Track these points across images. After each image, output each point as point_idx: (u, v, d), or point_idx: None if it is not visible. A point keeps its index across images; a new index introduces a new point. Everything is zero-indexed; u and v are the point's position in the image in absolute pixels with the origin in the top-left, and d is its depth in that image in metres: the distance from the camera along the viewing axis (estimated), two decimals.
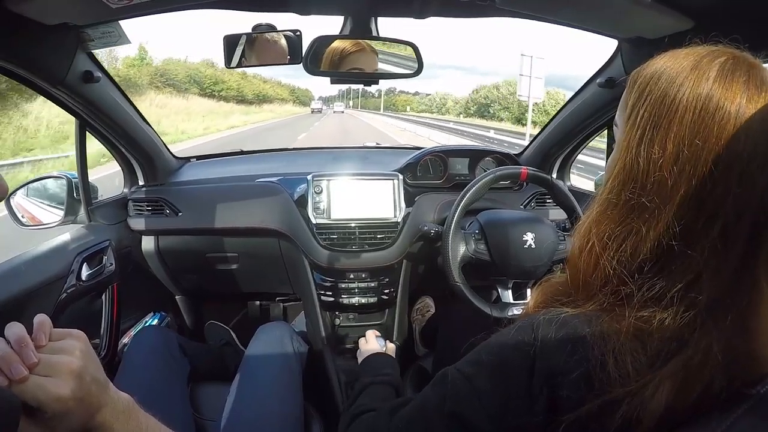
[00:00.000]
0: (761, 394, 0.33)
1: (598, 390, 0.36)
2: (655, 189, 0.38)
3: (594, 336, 0.38)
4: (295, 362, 0.99)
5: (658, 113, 0.38)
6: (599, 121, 1.21)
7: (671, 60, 0.40)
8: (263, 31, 0.89)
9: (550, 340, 0.41)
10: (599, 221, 0.42)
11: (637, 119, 0.40)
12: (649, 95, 0.40)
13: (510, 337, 0.46)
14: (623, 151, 0.41)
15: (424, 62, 0.95)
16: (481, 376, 0.45)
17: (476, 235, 1.01)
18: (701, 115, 0.36)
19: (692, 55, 0.39)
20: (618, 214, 0.41)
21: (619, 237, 0.40)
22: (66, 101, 0.93)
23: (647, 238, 0.39)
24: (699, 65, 0.38)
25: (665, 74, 0.39)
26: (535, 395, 0.41)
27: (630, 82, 0.43)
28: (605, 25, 0.87)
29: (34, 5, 0.66)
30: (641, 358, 0.36)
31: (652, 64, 0.42)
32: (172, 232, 1.25)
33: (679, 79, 0.38)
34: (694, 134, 0.36)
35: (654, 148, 0.38)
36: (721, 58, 0.38)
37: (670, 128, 0.37)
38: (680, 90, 0.38)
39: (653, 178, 0.38)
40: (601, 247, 0.41)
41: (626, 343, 0.37)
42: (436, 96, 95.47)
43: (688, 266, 0.37)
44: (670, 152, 0.37)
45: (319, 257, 1.19)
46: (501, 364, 0.45)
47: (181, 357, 0.98)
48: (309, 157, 1.76)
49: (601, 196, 0.43)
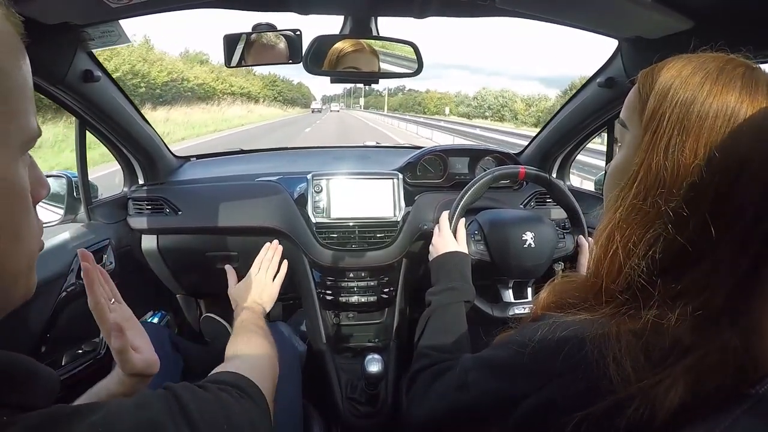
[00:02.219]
0: (761, 394, 0.33)
1: (601, 392, 0.37)
2: (685, 194, 0.38)
3: (593, 339, 0.39)
4: (293, 361, 0.99)
5: (687, 118, 0.39)
6: (599, 121, 1.21)
7: (691, 65, 0.40)
8: (263, 31, 0.89)
9: (546, 342, 0.42)
10: (624, 227, 0.42)
11: (663, 123, 0.40)
12: (675, 98, 0.40)
13: (510, 337, 0.47)
14: (647, 155, 0.41)
15: (424, 62, 0.95)
16: (477, 371, 0.50)
17: (476, 235, 1.01)
18: (731, 123, 0.37)
19: (713, 62, 0.40)
20: (644, 219, 0.41)
21: (647, 242, 0.40)
22: (66, 100, 0.93)
23: (675, 243, 0.39)
24: (723, 72, 0.39)
25: (690, 78, 0.40)
26: (518, 398, 0.43)
27: (644, 83, 0.43)
28: (605, 25, 0.87)
29: (34, 5, 0.66)
30: (642, 361, 0.37)
31: (669, 67, 0.42)
32: (171, 231, 1.25)
33: (707, 86, 0.39)
34: (725, 141, 0.37)
35: (685, 152, 0.38)
36: (740, 68, 0.39)
37: (701, 134, 0.38)
38: (709, 96, 0.38)
39: (684, 182, 0.38)
40: (625, 253, 0.41)
41: (627, 346, 0.37)
42: (485, 94, 66.35)
43: (709, 268, 0.37)
44: (701, 157, 0.38)
45: (318, 256, 1.19)
46: (496, 364, 0.48)
47: (174, 353, 0.98)
48: (309, 157, 1.76)
49: (624, 202, 0.42)
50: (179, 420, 0.35)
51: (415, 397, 0.62)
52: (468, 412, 0.51)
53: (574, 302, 0.45)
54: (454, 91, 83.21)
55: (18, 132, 0.30)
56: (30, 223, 0.32)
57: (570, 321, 0.42)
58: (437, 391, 0.58)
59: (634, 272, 0.40)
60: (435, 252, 0.88)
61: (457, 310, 0.76)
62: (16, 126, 0.29)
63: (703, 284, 0.37)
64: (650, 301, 0.39)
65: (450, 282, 0.81)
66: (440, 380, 0.58)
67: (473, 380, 0.51)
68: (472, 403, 0.50)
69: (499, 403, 0.46)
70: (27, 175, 0.32)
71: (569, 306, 0.45)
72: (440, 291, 0.80)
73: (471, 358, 0.54)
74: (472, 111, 66.29)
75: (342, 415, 1.13)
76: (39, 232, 0.34)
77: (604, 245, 0.43)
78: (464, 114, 64.69)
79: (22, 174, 0.31)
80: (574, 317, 0.42)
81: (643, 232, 0.40)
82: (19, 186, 0.30)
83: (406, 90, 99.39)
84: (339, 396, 1.15)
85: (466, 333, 0.72)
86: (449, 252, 0.86)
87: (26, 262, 0.32)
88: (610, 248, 0.42)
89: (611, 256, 0.42)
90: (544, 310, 0.49)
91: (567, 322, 0.42)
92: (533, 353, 0.43)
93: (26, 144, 0.31)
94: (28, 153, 0.32)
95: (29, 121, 0.31)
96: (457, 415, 0.53)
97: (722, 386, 0.35)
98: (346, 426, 1.12)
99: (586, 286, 0.46)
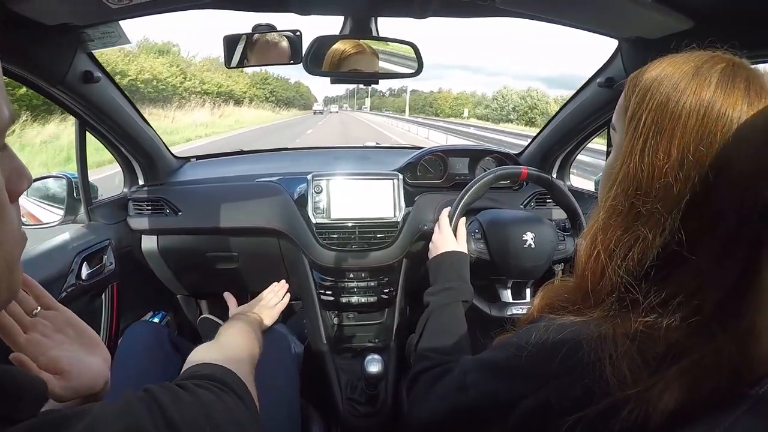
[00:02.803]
0: (760, 394, 0.33)
1: (597, 394, 0.37)
2: (661, 195, 0.38)
3: (590, 342, 0.38)
4: (291, 362, 0.99)
5: (661, 119, 0.38)
6: (599, 121, 1.21)
7: (671, 65, 0.40)
8: (263, 31, 0.89)
9: (543, 345, 0.42)
10: (605, 229, 0.42)
11: (640, 125, 0.40)
12: (651, 100, 0.39)
13: (508, 339, 0.47)
14: (626, 158, 0.41)
15: (424, 62, 0.94)
16: (476, 373, 0.50)
17: (476, 235, 1.01)
18: (704, 121, 0.36)
19: (692, 61, 0.39)
20: (623, 222, 0.41)
21: (626, 245, 0.40)
22: (66, 101, 0.93)
23: (653, 245, 0.39)
24: (700, 71, 0.38)
25: (666, 79, 0.39)
26: (516, 400, 0.43)
27: (629, 86, 0.43)
28: (605, 25, 0.87)
29: (34, 5, 0.66)
30: (639, 363, 0.36)
31: (652, 68, 0.41)
32: (172, 231, 1.25)
33: (681, 85, 0.38)
34: (699, 140, 0.36)
35: (659, 154, 0.38)
36: (720, 65, 0.38)
37: (674, 134, 0.37)
38: (683, 95, 0.38)
39: (658, 184, 0.38)
40: (607, 255, 0.41)
41: (623, 349, 0.37)
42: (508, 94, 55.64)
43: (694, 272, 0.37)
44: (674, 158, 0.37)
45: (318, 257, 1.19)
46: (494, 365, 0.49)
47: (174, 353, 0.98)
48: (309, 157, 1.76)
49: (606, 204, 0.43)
50: (160, 423, 0.36)
51: (416, 399, 0.63)
52: (468, 414, 0.51)
53: (564, 305, 0.46)
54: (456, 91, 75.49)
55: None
56: (6, 221, 0.29)
57: (566, 323, 0.42)
58: (438, 393, 0.58)
59: (616, 274, 0.40)
60: (435, 250, 0.88)
61: (454, 310, 0.76)
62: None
63: (690, 289, 0.37)
64: (638, 305, 0.38)
65: (447, 282, 0.80)
66: (440, 382, 0.59)
67: (472, 382, 0.51)
68: (472, 405, 0.50)
69: (498, 404, 0.46)
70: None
71: (560, 309, 0.45)
72: (438, 291, 0.80)
73: (470, 360, 0.54)
74: (492, 113, 56.70)
75: (342, 415, 1.13)
76: (18, 229, 0.31)
77: (588, 247, 0.44)
78: (483, 116, 56.37)
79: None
80: (568, 319, 0.42)
81: (623, 234, 0.40)
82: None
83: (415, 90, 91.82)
84: (339, 396, 1.15)
85: (465, 333, 0.72)
86: (447, 251, 0.86)
87: (4, 264, 0.29)
88: (593, 250, 0.43)
89: (594, 258, 0.42)
90: (539, 313, 0.49)
91: (563, 324, 0.42)
92: (530, 356, 0.43)
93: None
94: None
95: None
96: (458, 417, 0.53)
97: (718, 388, 0.34)
98: (345, 426, 1.12)
99: (574, 287, 0.46)
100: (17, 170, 0.31)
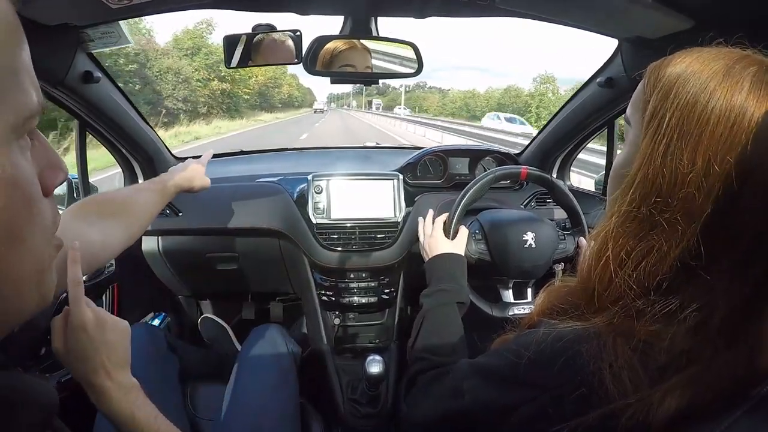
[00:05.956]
0: (761, 394, 0.33)
1: (595, 402, 0.36)
2: (681, 205, 0.35)
3: (589, 351, 0.37)
4: (288, 363, 0.98)
5: (687, 121, 0.35)
6: (599, 121, 1.21)
7: (698, 62, 0.37)
8: (263, 31, 0.89)
9: (541, 354, 0.41)
10: (616, 236, 0.39)
11: (663, 125, 0.37)
12: (676, 99, 0.36)
13: (506, 345, 0.47)
14: (645, 160, 0.38)
15: (424, 63, 0.94)
16: (472, 379, 0.50)
17: (476, 235, 1.01)
18: (734, 129, 0.34)
19: (722, 59, 0.36)
20: (638, 229, 0.38)
21: (639, 254, 0.38)
22: (66, 101, 0.93)
23: (668, 258, 0.36)
24: (731, 72, 0.35)
25: (693, 77, 0.36)
26: (511, 408, 0.42)
27: (649, 78, 0.40)
28: (605, 25, 0.87)
29: (34, 5, 0.66)
30: (640, 373, 0.35)
31: (676, 62, 0.38)
32: (172, 232, 1.25)
33: (710, 85, 0.35)
34: (726, 150, 0.34)
35: (683, 161, 0.35)
36: (753, 67, 0.35)
37: (701, 140, 0.34)
38: (712, 97, 0.34)
39: (680, 194, 0.35)
40: (617, 263, 0.39)
41: (624, 358, 0.36)
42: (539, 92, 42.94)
43: (705, 288, 0.35)
44: (699, 167, 0.34)
45: (319, 257, 1.19)
46: (491, 373, 0.48)
47: (170, 355, 0.98)
48: (309, 157, 1.76)
49: (620, 208, 0.40)
50: None
51: (413, 401, 0.62)
52: (463, 418, 0.50)
53: (566, 308, 0.44)
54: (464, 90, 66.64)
55: (6, 111, 0.24)
56: (35, 219, 0.26)
57: (565, 331, 0.40)
58: (434, 395, 0.58)
59: (625, 284, 0.38)
60: (430, 253, 0.87)
61: (448, 311, 0.75)
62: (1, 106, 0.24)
63: (699, 304, 0.35)
64: (644, 315, 0.37)
65: (440, 284, 0.80)
66: (437, 385, 0.58)
67: (468, 388, 0.50)
68: (467, 410, 0.49)
69: (494, 411, 0.45)
70: (25, 161, 0.26)
71: (562, 312, 0.44)
72: (431, 293, 0.79)
73: (467, 365, 0.53)
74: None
75: (343, 416, 1.13)
76: (52, 228, 0.28)
77: (597, 252, 0.41)
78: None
79: (17, 161, 0.25)
80: (568, 326, 0.41)
81: (636, 243, 0.38)
82: (12, 176, 0.25)
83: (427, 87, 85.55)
84: (340, 397, 1.15)
85: (461, 334, 0.72)
86: (441, 254, 0.85)
87: (33, 267, 0.27)
88: (603, 256, 0.40)
89: (603, 264, 0.40)
90: (539, 316, 0.48)
91: (562, 331, 0.40)
92: (528, 364, 0.41)
93: (19, 126, 0.25)
94: (27, 135, 0.26)
95: (22, 97, 0.25)
96: (454, 420, 0.53)
97: (719, 395, 0.34)
98: (346, 427, 1.12)
99: (578, 291, 0.44)
100: (50, 162, 0.28)
